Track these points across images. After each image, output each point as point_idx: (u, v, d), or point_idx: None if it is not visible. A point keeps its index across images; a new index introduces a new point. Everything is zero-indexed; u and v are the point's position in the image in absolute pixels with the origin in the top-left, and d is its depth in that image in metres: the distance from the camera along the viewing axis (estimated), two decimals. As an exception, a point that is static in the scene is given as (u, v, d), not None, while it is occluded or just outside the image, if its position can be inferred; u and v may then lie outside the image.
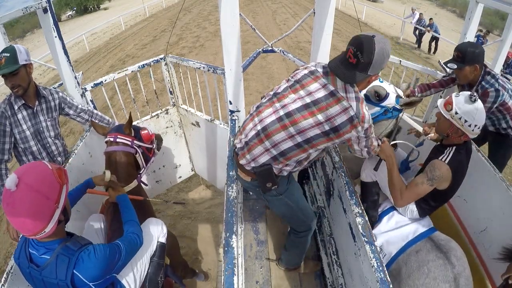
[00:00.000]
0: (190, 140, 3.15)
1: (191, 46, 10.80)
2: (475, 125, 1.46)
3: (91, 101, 2.44)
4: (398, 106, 1.74)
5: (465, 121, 1.45)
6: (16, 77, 1.76)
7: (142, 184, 2.03)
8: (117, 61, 10.19)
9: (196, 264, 2.98)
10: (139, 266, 1.50)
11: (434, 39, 10.06)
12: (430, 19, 10.24)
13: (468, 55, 1.93)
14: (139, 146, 1.94)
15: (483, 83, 2.00)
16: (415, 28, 10.80)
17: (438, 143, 1.72)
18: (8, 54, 1.71)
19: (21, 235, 1.21)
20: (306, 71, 1.38)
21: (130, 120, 1.92)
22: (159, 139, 2.26)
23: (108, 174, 1.71)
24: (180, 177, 3.39)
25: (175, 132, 3.06)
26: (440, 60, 2.73)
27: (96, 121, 2.26)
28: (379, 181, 1.83)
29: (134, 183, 1.88)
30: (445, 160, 1.54)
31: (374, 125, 1.67)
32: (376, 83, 1.74)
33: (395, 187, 1.59)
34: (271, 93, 1.46)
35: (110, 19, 14.92)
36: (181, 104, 2.91)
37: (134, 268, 1.47)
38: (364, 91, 1.66)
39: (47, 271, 1.11)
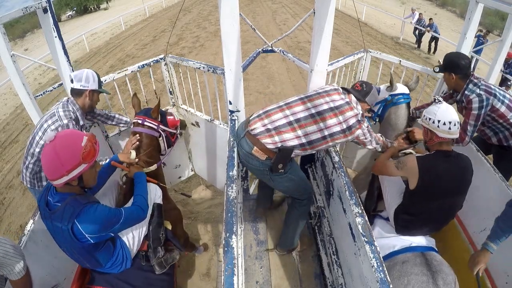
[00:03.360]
0: (190, 140, 3.15)
1: (191, 46, 10.80)
2: (438, 120, 1.59)
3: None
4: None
5: (429, 118, 1.64)
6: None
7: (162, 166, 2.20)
8: (117, 61, 10.19)
9: (196, 263, 2.98)
10: (137, 226, 1.68)
11: (434, 39, 10.06)
12: (430, 19, 10.24)
13: (445, 63, 2.09)
14: (163, 131, 2.09)
15: (466, 92, 2.03)
16: (415, 28, 10.80)
17: None
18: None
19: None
20: (331, 87, 1.85)
21: (159, 105, 2.07)
22: (183, 124, 2.44)
23: (133, 153, 1.89)
24: (180, 177, 3.39)
25: (175, 132, 3.06)
26: (440, 60, 2.74)
27: (114, 123, 2.40)
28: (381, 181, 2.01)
29: (154, 167, 2.01)
30: (417, 155, 1.68)
31: (395, 118, 2.18)
32: None
33: (379, 158, 1.92)
34: (301, 95, 1.83)
35: (110, 19, 14.91)
36: (181, 104, 2.91)
37: (133, 228, 1.66)
38: None
39: (55, 216, 1.32)
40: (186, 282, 2.82)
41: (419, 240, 1.71)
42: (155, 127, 2.03)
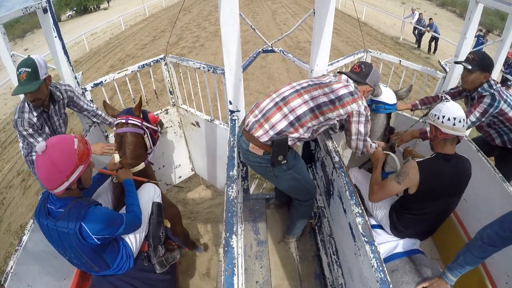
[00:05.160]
0: (190, 140, 3.15)
1: (191, 46, 10.79)
2: (443, 115, 1.57)
3: (91, 101, 2.44)
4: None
5: (434, 115, 1.62)
6: (37, 92, 1.80)
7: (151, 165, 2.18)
8: (117, 61, 10.18)
9: (196, 263, 2.98)
10: None
11: (434, 39, 10.06)
12: (430, 19, 10.24)
13: (483, 62, 1.98)
14: (147, 128, 2.05)
15: (479, 89, 2.05)
16: (415, 28, 10.80)
17: None
18: (30, 70, 1.73)
19: (41, 193, 1.44)
20: (320, 75, 1.84)
21: (140, 103, 2.02)
22: (160, 123, 2.41)
23: (117, 157, 1.86)
24: (180, 177, 3.39)
25: (175, 132, 3.06)
26: (440, 60, 2.74)
27: (98, 121, 2.37)
28: (359, 186, 2.02)
29: (142, 166, 1.98)
30: (418, 161, 1.60)
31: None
32: None
33: (372, 182, 1.75)
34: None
35: (110, 19, 14.91)
36: (181, 104, 2.91)
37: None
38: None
39: (60, 222, 1.31)
40: (186, 282, 2.82)
41: (405, 244, 1.70)
42: (139, 124, 1.98)
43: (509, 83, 6.68)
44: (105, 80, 2.45)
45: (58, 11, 19.83)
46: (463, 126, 1.57)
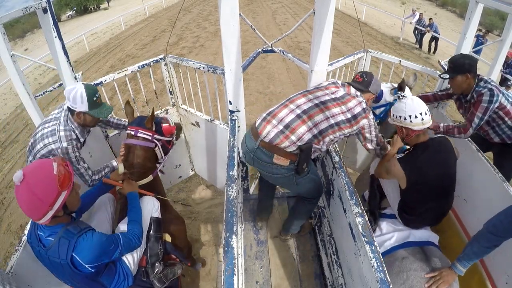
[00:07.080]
0: (190, 140, 3.15)
1: (191, 46, 10.80)
2: (409, 115, 1.64)
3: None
4: (397, 96, 2.17)
5: (399, 116, 1.69)
6: None
7: (159, 174, 2.11)
8: (117, 61, 10.19)
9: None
10: None
11: (434, 39, 10.06)
12: (430, 19, 10.24)
13: (458, 65, 2.05)
14: (158, 140, 1.94)
15: (476, 88, 2.07)
16: (415, 28, 10.80)
17: None
18: (99, 94, 1.83)
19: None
20: (328, 81, 1.90)
21: (153, 115, 1.91)
22: (178, 128, 2.26)
23: (121, 167, 1.80)
24: (180, 177, 3.39)
25: (175, 132, 3.06)
26: (440, 60, 2.74)
27: (112, 128, 2.31)
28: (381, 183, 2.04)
29: (149, 178, 1.91)
30: (398, 158, 1.72)
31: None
32: None
33: (382, 159, 1.93)
34: (301, 91, 1.86)
35: (110, 19, 14.91)
36: (181, 104, 2.91)
37: None
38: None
39: (51, 252, 1.26)
40: (186, 281, 2.82)
41: (420, 235, 1.73)
42: (149, 137, 1.89)
43: (509, 83, 6.68)
44: (105, 80, 2.44)
45: (58, 11, 19.83)
46: (429, 116, 1.65)
